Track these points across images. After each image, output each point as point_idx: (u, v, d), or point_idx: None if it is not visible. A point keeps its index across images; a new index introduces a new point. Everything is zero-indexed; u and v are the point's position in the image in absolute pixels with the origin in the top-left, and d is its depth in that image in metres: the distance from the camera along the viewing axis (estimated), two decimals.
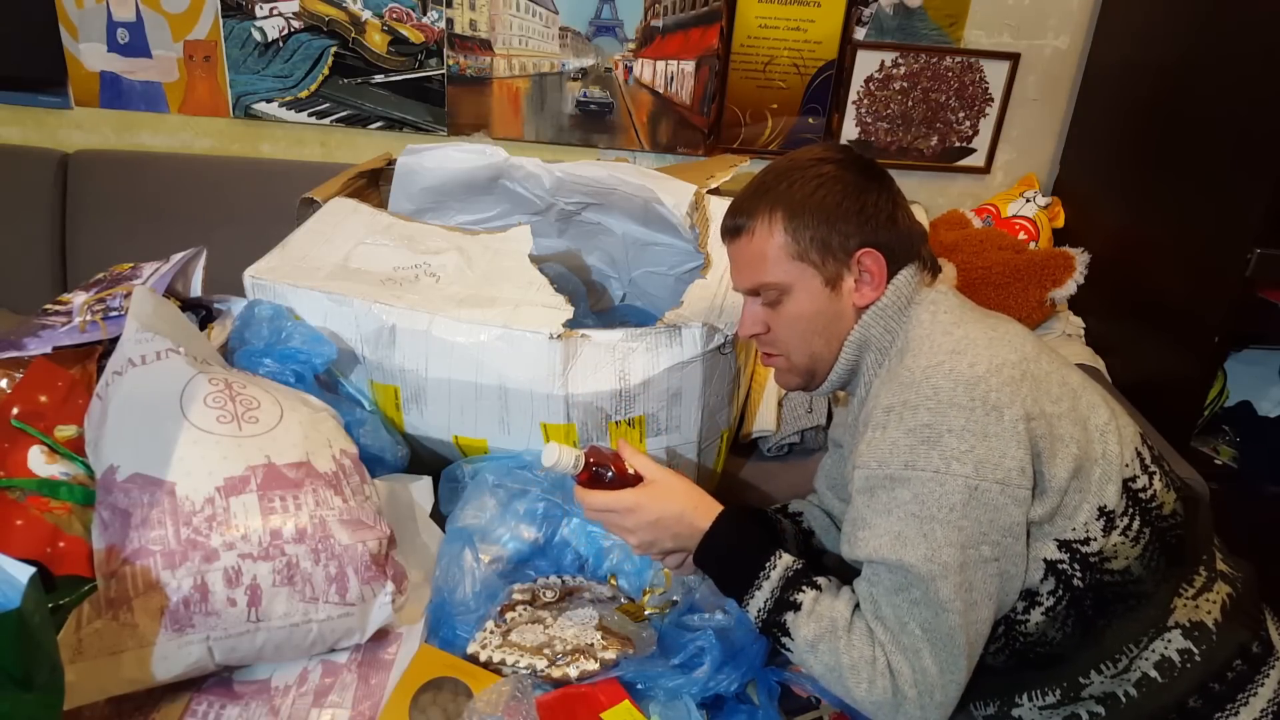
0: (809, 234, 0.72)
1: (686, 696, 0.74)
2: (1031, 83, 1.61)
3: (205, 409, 0.77)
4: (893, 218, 0.74)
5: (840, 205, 0.72)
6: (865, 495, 0.68)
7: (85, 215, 1.55)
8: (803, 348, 0.76)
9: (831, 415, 1.26)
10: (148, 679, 0.69)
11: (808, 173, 0.73)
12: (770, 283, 0.74)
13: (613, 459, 0.76)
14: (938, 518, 0.64)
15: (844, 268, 0.73)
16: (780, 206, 0.73)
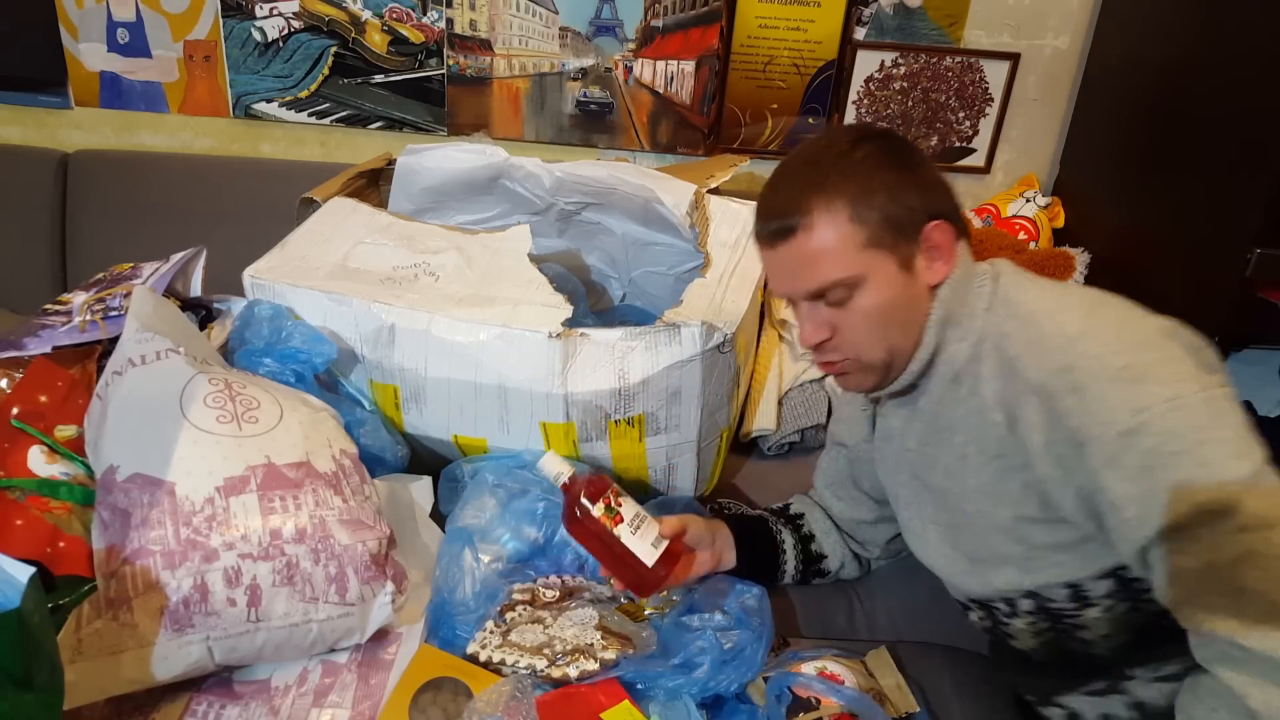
0: (876, 217, 0.66)
1: (686, 696, 0.74)
2: (1031, 83, 1.61)
3: (205, 409, 0.77)
4: (945, 184, 0.70)
5: (900, 182, 0.67)
6: (1107, 469, 0.59)
7: (85, 215, 1.55)
8: (879, 343, 0.70)
9: (831, 413, 1.27)
10: (147, 679, 0.69)
11: (852, 156, 0.68)
12: (840, 279, 0.67)
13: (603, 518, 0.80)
14: (1202, 439, 0.56)
15: (915, 247, 0.68)
16: (839, 195, 0.66)
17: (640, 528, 0.81)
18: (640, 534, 0.81)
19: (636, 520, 0.81)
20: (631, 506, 0.82)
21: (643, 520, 0.82)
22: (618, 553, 0.80)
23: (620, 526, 0.80)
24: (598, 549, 0.81)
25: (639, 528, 0.81)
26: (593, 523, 0.80)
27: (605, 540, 0.80)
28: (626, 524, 0.80)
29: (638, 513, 0.82)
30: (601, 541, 0.80)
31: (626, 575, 0.80)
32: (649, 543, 0.81)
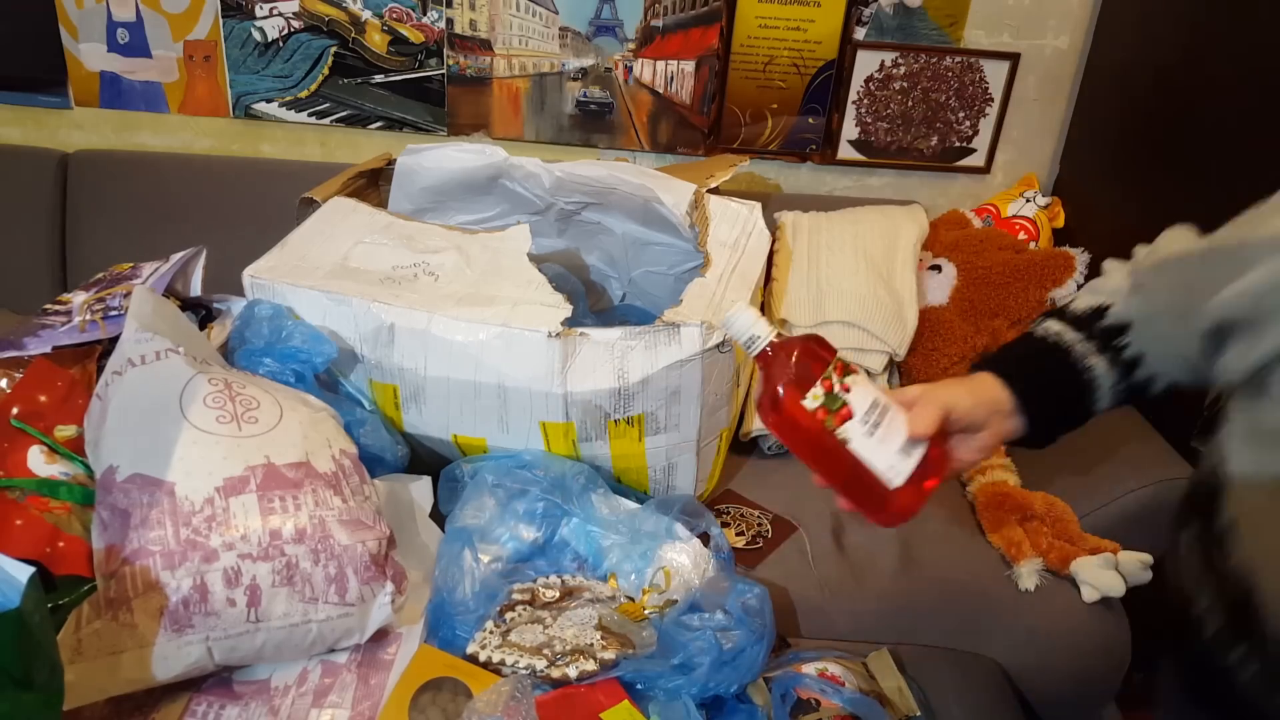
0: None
1: (686, 696, 0.74)
2: (1031, 83, 1.61)
3: (205, 409, 0.77)
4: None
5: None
6: None
7: (85, 215, 1.55)
8: None
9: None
10: (147, 679, 0.69)
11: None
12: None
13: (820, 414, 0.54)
14: None
15: None
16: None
17: (881, 425, 0.55)
18: (881, 435, 0.55)
19: (874, 413, 0.55)
20: (866, 391, 0.56)
21: (884, 413, 0.56)
22: (843, 464, 0.55)
23: (849, 425, 0.55)
24: (811, 456, 0.56)
25: (879, 424, 0.55)
26: (806, 419, 0.54)
27: (823, 447, 0.55)
28: (859, 420, 0.55)
29: (875, 401, 0.56)
30: (818, 448, 0.55)
31: (859, 496, 0.57)
32: (894, 448, 0.55)
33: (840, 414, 0.55)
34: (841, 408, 0.55)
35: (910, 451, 0.55)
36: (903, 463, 0.55)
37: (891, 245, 1.39)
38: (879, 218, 1.45)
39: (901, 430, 0.55)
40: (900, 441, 0.55)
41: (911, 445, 0.55)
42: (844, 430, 0.54)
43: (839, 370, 0.56)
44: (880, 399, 0.56)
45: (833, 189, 1.68)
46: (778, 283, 1.35)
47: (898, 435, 0.55)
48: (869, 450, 0.54)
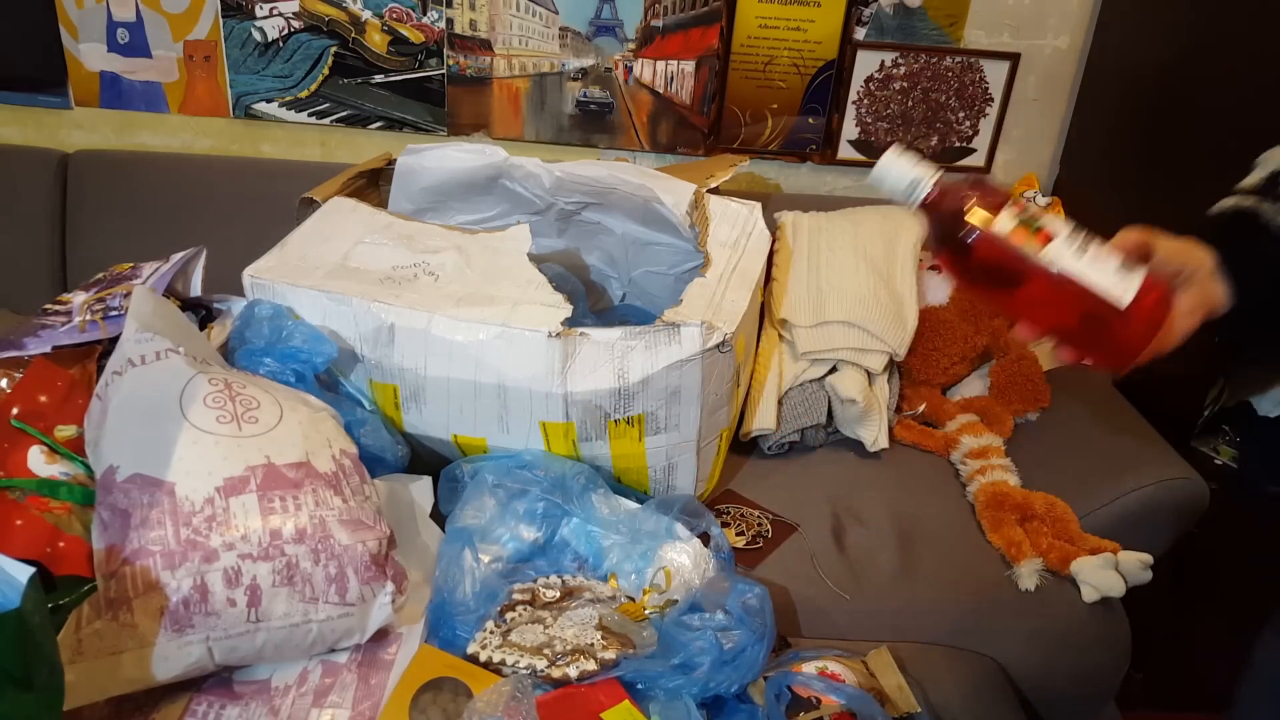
0: None
1: (686, 696, 0.74)
2: (1031, 83, 1.61)
3: (205, 409, 0.77)
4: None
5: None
6: None
7: (85, 215, 1.55)
8: None
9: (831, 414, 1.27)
10: (147, 679, 0.69)
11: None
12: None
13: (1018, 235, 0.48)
14: None
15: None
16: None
17: (1089, 247, 0.50)
18: (1092, 256, 0.50)
19: (1078, 236, 0.51)
20: (1059, 218, 0.52)
21: (1088, 237, 0.51)
22: (1056, 296, 0.49)
23: (1054, 247, 0.49)
24: (1016, 294, 0.50)
25: (1086, 247, 0.50)
26: (1003, 248, 0.48)
27: (1029, 277, 0.49)
28: (1063, 241, 0.50)
29: (1075, 226, 0.52)
30: (1023, 280, 0.49)
31: (1080, 333, 0.50)
32: (1111, 267, 0.50)
33: (1041, 235, 0.48)
34: (1039, 230, 0.48)
35: (1128, 272, 0.49)
36: (1126, 279, 0.48)
37: (892, 245, 1.39)
38: (879, 218, 1.45)
39: (1112, 251, 0.49)
40: (1115, 261, 0.49)
41: (1127, 266, 0.49)
42: (1049, 253, 0.47)
43: (1020, 204, 0.50)
44: (1078, 226, 0.50)
45: (833, 189, 1.68)
46: (778, 283, 1.35)
47: (1110, 256, 0.49)
48: (1085, 269, 0.48)
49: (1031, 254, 0.49)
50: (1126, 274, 0.50)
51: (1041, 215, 0.50)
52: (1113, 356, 0.50)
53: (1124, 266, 0.50)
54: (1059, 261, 0.48)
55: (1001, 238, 0.49)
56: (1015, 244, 0.49)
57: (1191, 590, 1.32)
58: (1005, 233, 0.49)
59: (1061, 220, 0.51)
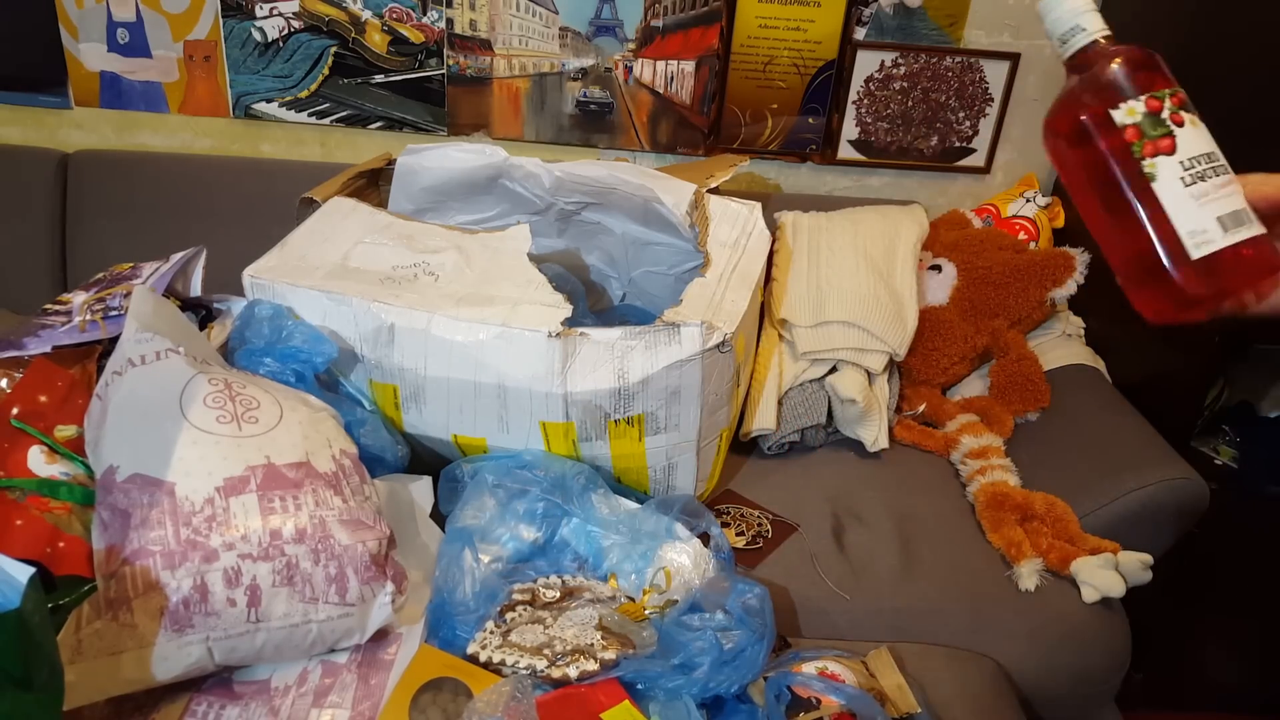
0: None
1: (686, 697, 0.74)
2: (1031, 82, 1.61)
3: (205, 409, 0.77)
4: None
5: None
6: None
7: (85, 215, 1.55)
8: None
9: (831, 414, 1.27)
10: (147, 679, 0.69)
11: None
12: None
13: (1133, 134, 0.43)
14: None
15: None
16: None
17: (1209, 181, 0.44)
18: (1203, 191, 0.43)
19: (1206, 163, 0.44)
20: (1203, 137, 0.45)
21: (1220, 171, 0.45)
22: (1132, 211, 0.44)
23: (1164, 160, 0.44)
24: (1095, 191, 0.45)
25: (1206, 178, 0.44)
26: (1107, 136, 0.43)
27: (1117, 178, 0.44)
28: (1180, 160, 0.44)
29: (1213, 154, 0.45)
30: (1109, 178, 0.44)
31: (1134, 263, 0.44)
32: (1213, 213, 0.43)
33: (1158, 143, 0.42)
34: (1164, 137, 0.42)
35: (1233, 228, 0.42)
36: (1217, 234, 0.41)
37: (892, 245, 1.39)
38: (879, 218, 1.45)
39: (1236, 197, 0.42)
40: (1228, 209, 0.42)
41: (1239, 221, 0.42)
42: (1155, 164, 0.42)
43: (1177, 100, 0.44)
44: (1219, 155, 0.43)
45: (833, 189, 1.68)
46: (778, 282, 1.35)
47: (1227, 201, 0.42)
48: (1178, 201, 0.41)
49: (1139, 154, 0.43)
50: (1224, 229, 0.42)
51: (1181, 124, 0.42)
52: (1155, 302, 0.43)
53: (1231, 219, 0.42)
54: (1159, 177, 0.42)
55: (1115, 123, 0.42)
56: (1127, 137, 0.42)
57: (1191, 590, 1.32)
58: (1122, 121, 0.43)
59: (1201, 140, 0.44)
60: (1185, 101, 0.46)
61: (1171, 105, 0.45)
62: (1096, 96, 0.45)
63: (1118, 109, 0.44)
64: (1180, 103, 0.46)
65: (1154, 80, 0.46)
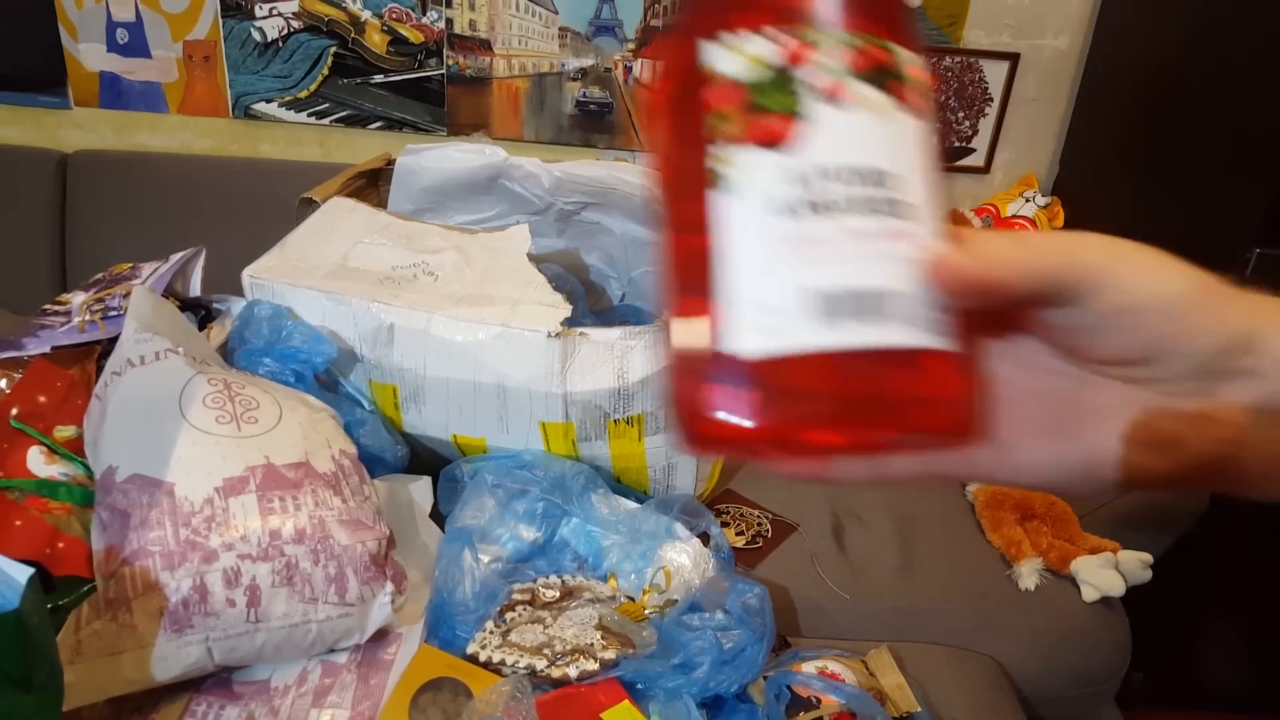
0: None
1: (686, 696, 0.74)
2: (1031, 83, 1.61)
3: (204, 409, 0.77)
4: None
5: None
6: None
7: (84, 215, 1.55)
8: None
9: None
10: (147, 680, 0.69)
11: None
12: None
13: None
14: None
15: None
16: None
17: (833, 213, 0.22)
18: (808, 234, 0.22)
19: (835, 180, 0.22)
20: (871, 126, 0.23)
21: (873, 200, 0.23)
22: (684, 234, 0.24)
23: (750, 160, 0.23)
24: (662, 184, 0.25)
25: (825, 209, 0.22)
26: (684, 96, 0.24)
27: (680, 174, 0.24)
28: (779, 164, 0.22)
29: (872, 169, 0.23)
30: (673, 170, 0.25)
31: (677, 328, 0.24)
32: (809, 282, 0.22)
33: (758, 123, 0.22)
34: (774, 115, 0.22)
35: (847, 318, 0.22)
36: (799, 320, 0.22)
37: None
38: None
39: (889, 265, 0.22)
40: (849, 279, 0.22)
41: (870, 310, 0.22)
42: (733, 159, 0.22)
43: (859, 56, 0.23)
44: (914, 175, 0.24)
45: None
46: None
47: (859, 265, 0.22)
48: (749, 240, 0.22)
49: (701, 136, 0.23)
50: (837, 312, 0.22)
51: (848, 90, 0.23)
52: (699, 424, 0.23)
53: (862, 298, 0.22)
54: (731, 188, 0.22)
55: (696, 74, 0.23)
56: (704, 103, 0.23)
57: (1191, 590, 1.32)
58: (709, 69, 0.23)
59: (874, 131, 0.23)
60: (882, 63, 0.23)
61: (833, 60, 0.23)
62: (700, 7, 0.24)
63: (713, 41, 0.23)
64: (867, 62, 0.23)
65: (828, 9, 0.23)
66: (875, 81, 0.23)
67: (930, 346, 0.23)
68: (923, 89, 0.25)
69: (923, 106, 0.25)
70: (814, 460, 0.25)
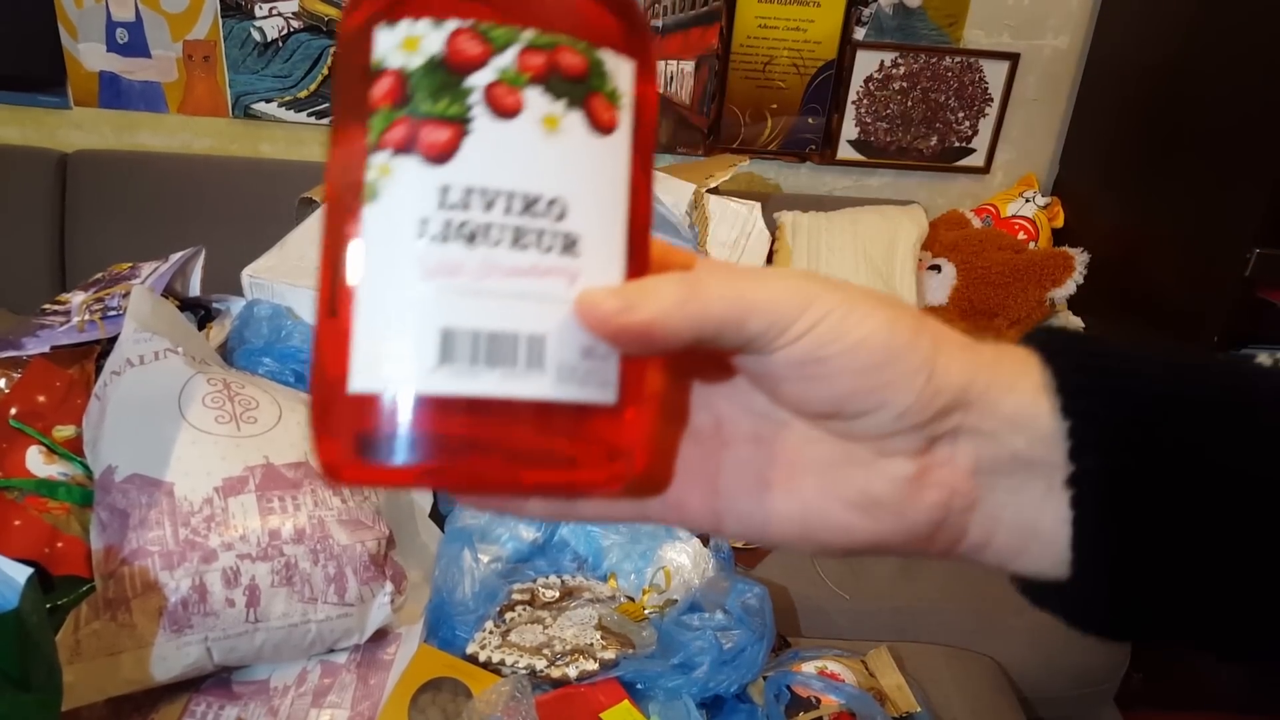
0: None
1: (686, 696, 0.74)
2: (1031, 83, 1.61)
3: (203, 409, 0.77)
4: None
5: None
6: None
7: (84, 215, 1.55)
8: None
9: None
10: (146, 680, 0.69)
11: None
12: None
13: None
14: None
15: None
16: None
17: (484, 240, 0.20)
18: (453, 260, 0.20)
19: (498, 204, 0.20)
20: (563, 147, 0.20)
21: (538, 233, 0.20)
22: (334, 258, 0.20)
23: (408, 171, 0.20)
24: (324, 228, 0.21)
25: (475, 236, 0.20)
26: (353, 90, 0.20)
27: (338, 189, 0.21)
28: (440, 181, 0.20)
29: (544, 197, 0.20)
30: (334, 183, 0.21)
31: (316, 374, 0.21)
32: (449, 318, 0.20)
33: (420, 129, 0.20)
34: (441, 121, 0.20)
35: (473, 364, 0.20)
36: (425, 358, 0.19)
37: (891, 246, 1.39)
38: (879, 218, 1.45)
39: (546, 308, 0.20)
40: (494, 320, 0.20)
41: (502, 356, 0.20)
42: (389, 169, 0.20)
43: (537, 62, 0.20)
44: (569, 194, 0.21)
45: (832, 189, 1.68)
46: None
47: (509, 305, 0.20)
48: (387, 262, 0.20)
49: (364, 140, 0.20)
50: (466, 355, 0.20)
51: (524, 102, 0.20)
52: (332, 454, 0.21)
53: (499, 342, 0.20)
54: (378, 197, 0.20)
55: (364, 65, 0.20)
56: (370, 100, 0.20)
57: None
58: (380, 63, 0.20)
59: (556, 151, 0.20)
60: (578, 74, 0.21)
61: (512, 65, 0.20)
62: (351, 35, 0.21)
63: (389, 26, 0.20)
64: (559, 71, 0.20)
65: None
66: (564, 94, 0.20)
67: (564, 399, 0.20)
68: (636, 104, 0.22)
69: (631, 125, 0.21)
70: (485, 498, 0.24)
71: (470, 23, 0.20)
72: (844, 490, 0.22)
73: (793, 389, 0.21)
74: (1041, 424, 0.21)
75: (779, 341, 0.20)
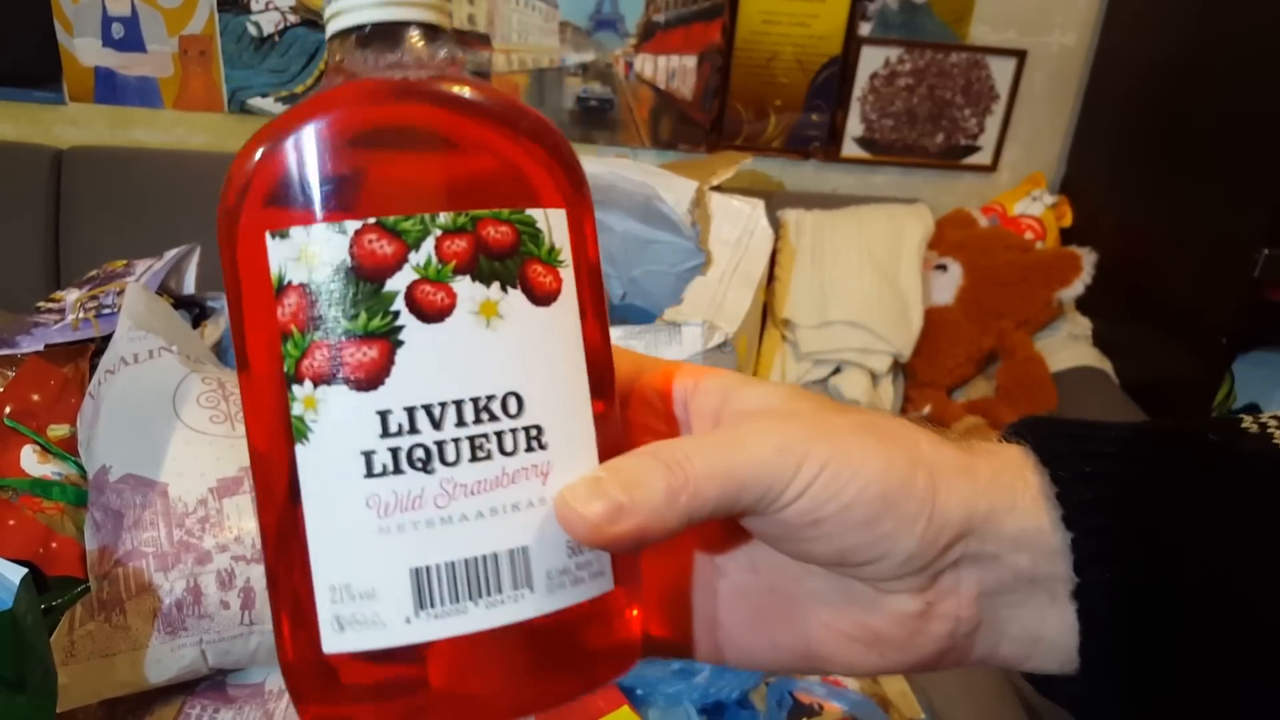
0: None
1: (687, 702, 0.73)
2: (1038, 80, 1.60)
3: (198, 409, 0.76)
4: None
5: None
6: None
7: (79, 212, 1.54)
8: None
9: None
10: (141, 682, 0.68)
11: None
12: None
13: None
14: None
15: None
16: None
17: (442, 462, 0.18)
18: (409, 491, 0.17)
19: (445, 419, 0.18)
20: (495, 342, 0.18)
21: (497, 433, 0.18)
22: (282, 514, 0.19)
23: (336, 402, 0.18)
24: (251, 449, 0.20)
25: (425, 462, 0.18)
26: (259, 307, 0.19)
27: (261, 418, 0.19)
28: (376, 410, 0.17)
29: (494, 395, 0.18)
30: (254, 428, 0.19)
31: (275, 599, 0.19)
32: (414, 558, 0.18)
33: (343, 353, 0.18)
34: (367, 340, 0.18)
35: (455, 604, 0.18)
36: (402, 607, 0.18)
37: (896, 245, 1.38)
38: (884, 217, 1.44)
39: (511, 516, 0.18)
40: (466, 548, 0.18)
41: (485, 586, 0.18)
42: (316, 402, 0.18)
43: (459, 248, 0.18)
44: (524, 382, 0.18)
45: (836, 187, 1.67)
46: (781, 282, 1.34)
47: (477, 524, 0.18)
48: (336, 514, 0.18)
49: (280, 369, 0.18)
50: (445, 596, 0.18)
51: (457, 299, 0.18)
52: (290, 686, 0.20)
53: (480, 570, 0.18)
54: (310, 437, 0.18)
55: (264, 278, 0.19)
56: (279, 321, 0.18)
57: None
58: (284, 276, 0.18)
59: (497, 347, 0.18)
60: (507, 245, 0.18)
61: (431, 258, 0.18)
62: (262, 193, 0.20)
63: (281, 238, 0.19)
64: (485, 249, 0.18)
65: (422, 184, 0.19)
66: (496, 275, 0.18)
67: (562, 608, 0.18)
68: (575, 251, 0.19)
69: (574, 277, 0.19)
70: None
71: (373, 220, 0.17)
72: (847, 627, 0.22)
73: (792, 547, 0.21)
74: (1045, 540, 0.21)
75: (773, 508, 0.20)
